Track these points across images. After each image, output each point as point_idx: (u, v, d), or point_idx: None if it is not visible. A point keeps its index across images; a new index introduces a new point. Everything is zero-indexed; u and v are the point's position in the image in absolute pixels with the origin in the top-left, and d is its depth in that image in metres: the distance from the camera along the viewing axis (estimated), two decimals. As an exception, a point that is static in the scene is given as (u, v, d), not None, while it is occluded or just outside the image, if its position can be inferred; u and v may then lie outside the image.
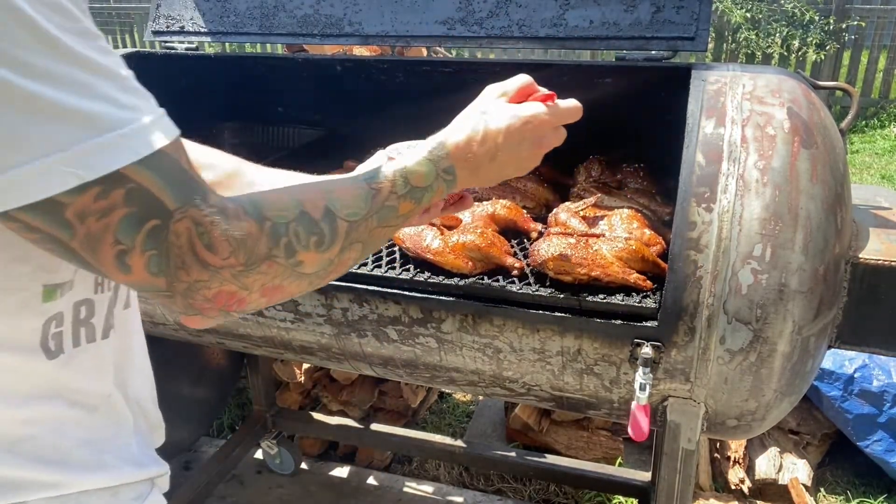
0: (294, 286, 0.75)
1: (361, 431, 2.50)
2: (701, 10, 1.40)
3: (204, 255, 0.64)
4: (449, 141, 0.90)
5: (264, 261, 0.69)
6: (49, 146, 0.56)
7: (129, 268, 0.62)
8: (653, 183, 1.61)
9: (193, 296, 0.66)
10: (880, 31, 7.57)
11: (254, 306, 0.73)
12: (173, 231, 0.62)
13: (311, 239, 0.73)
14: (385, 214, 0.82)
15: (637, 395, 1.18)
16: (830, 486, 2.60)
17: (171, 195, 0.62)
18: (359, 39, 1.67)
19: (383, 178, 0.83)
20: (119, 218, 0.60)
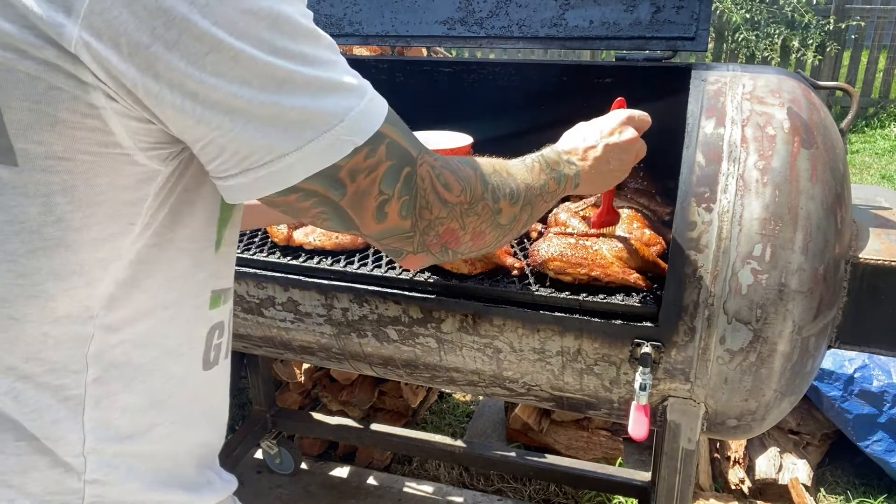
0: (491, 235, 0.84)
1: (361, 431, 2.50)
2: (701, 10, 1.40)
3: (444, 193, 0.74)
4: (558, 146, 1.04)
5: (480, 201, 0.79)
6: (331, 119, 0.63)
7: (385, 215, 0.71)
8: (653, 183, 1.61)
9: (429, 233, 0.76)
10: (880, 31, 7.57)
11: (464, 247, 0.82)
12: (419, 175, 0.71)
13: (506, 190, 0.84)
14: (542, 186, 0.93)
15: (637, 395, 1.18)
16: (830, 486, 2.60)
17: (411, 144, 0.71)
18: (359, 39, 1.67)
19: (531, 160, 0.95)
20: (384, 170, 0.68)
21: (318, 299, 1.40)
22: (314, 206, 0.67)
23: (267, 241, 1.50)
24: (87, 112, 0.59)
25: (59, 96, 0.58)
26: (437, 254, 0.80)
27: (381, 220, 0.71)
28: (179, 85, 0.58)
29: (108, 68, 0.57)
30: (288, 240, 1.45)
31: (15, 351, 0.65)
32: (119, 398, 0.70)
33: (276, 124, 0.61)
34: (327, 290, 1.38)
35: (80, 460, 0.68)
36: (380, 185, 0.68)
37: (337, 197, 0.67)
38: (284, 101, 0.60)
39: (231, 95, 0.59)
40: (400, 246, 0.76)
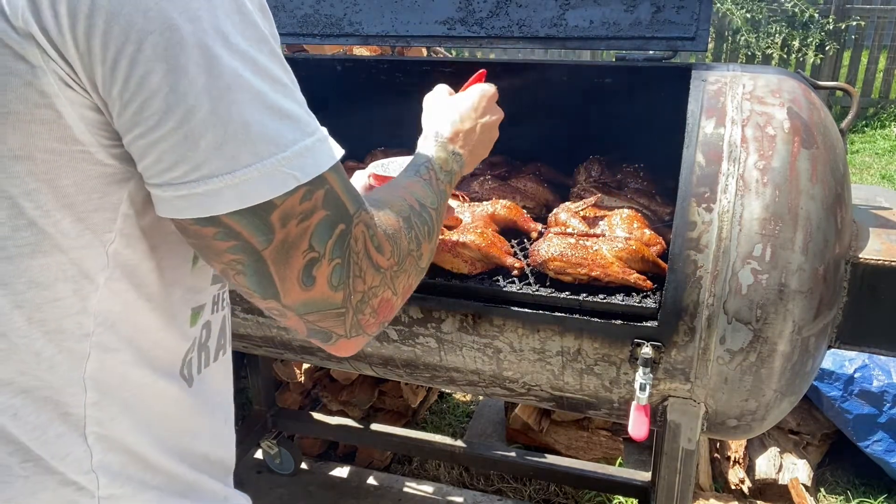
0: (415, 282, 0.77)
1: (361, 431, 2.50)
2: (701, 10, 1.40)
3: (376, 257, 0.66)
4: (441, 131, 0.98)
5: (407, 256, 0.72)
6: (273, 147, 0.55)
7: (312, 280, 0.61)
8: (653, 183, 1.61)
9: (363, 309, 0.66)
10: (880, 31, 7.56)
11: (395, 313, 0.74)
12: (353, 236, 0.63)
13: (425, 229, 0.78)
14: (442, 199, 0.88)
15: (637, 395, 1.18)
16: (830, 486, 2.60)
17: (350, 199, 0.63)
18: (359, 39, 1.67)
19: (426, 169, 0.89)
20: (318, 221, 0.60)
21: (318, 299, 1.40)
22: (231, 250, 0.58)
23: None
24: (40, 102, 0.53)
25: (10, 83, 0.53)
26: (374, 333, 0.70)
27: (307, 284, 0.61)
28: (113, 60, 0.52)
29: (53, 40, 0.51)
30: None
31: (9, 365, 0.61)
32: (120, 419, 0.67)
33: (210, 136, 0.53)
34: (327, 290, 1.38)
35: (91, 476, 0.65)
36: (310, 239, 0.59)
37: (261, 244, 0.58)
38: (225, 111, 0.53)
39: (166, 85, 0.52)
40: (329, 326, 0.66)
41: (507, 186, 1.64)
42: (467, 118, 1.02)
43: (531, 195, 1.63)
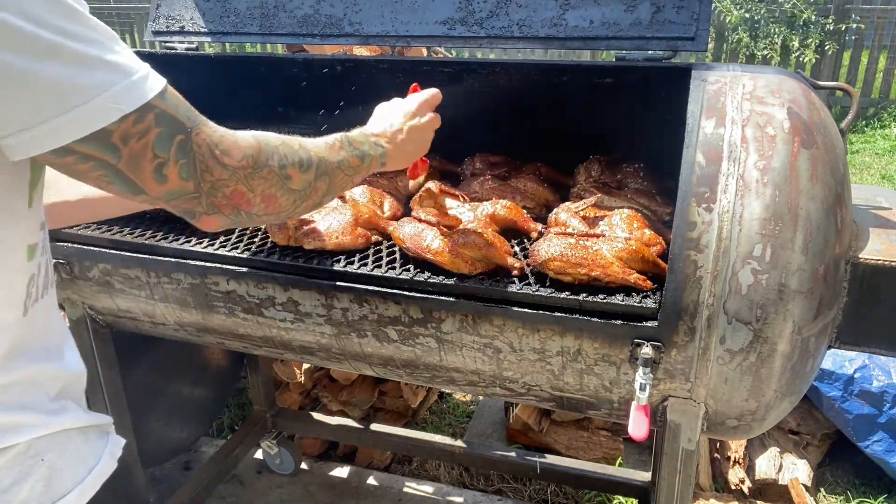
0: (284, 199, 0.94)
1: (361, 431, 2.50)
2: (701, 10, 1.40)
3: (222, 157, 0.83)
4: (368, 129, 1.19)
5: (264, 167, 0.88)
6: (97, 89, 0.71)
7: (165, 177, 0.79)
8: (653, 183, 1.61)
9: (215, 194, 0.84)
10: (880, 31, 7.57)
11: (256, 210, 0.91)
12: (195, 142, 0.80)
13: (295, 159, 0.94)
14: (341, 161, 1.05)
15: (637, 395, 1.18)
16: (830, 486, 2.60)
17: (184, 117, 0.80)
18: (359, 39, 1.67)
19: (333, 139, 1.06)
20: (154, 136, 0.77)
21: (318, 299, 1.40)
22: (94, 168, 0.76)
23: (267, 241, 1.50)
24: None
25: None
26: (229, 215, 0.88)
27: (161, 181, 0.79)
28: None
29: None
30: (288, 240, 1.45)
31: None
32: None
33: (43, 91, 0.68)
34: (327, 290, 1.38)
35: None
36: (153, 149, 0.77)
37: (113, 160, 0.75)
38: (50, 70, 0.68)
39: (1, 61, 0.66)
40: (189, 207, 0.85)
41: (507, 186, 1.64)
42: (396, 120, 1.22)
43: (531, 195, 1.63)
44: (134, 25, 10.38)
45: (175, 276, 1.52)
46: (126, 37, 10.42)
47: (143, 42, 7.36)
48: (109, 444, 0.97)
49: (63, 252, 1.57)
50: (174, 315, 1.61)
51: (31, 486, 0.84)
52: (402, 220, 1.46)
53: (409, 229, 1.38)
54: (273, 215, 0.95)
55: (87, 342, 1.76)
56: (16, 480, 0.82)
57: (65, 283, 1.66)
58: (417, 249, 1.34)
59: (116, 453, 0.97)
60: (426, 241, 1.34)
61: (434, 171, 1.85)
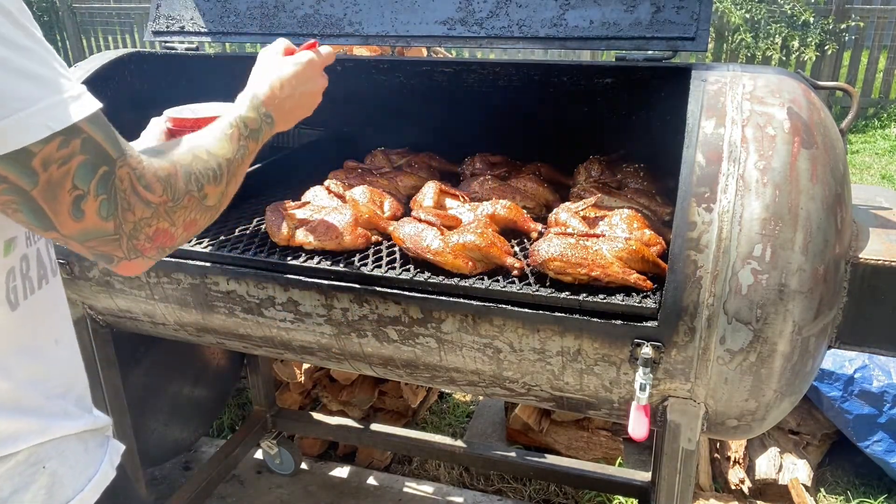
0: (203, 219, 0.90)
1: (361, 431, 2.50)
2: (701, 11, 1.40)
3: (145, 194, 0.77)
4: (259, 92, 1.10)
5: (184, 195, 0.84)
6: (23, 103, 0.65)
7: (82, 213, 0.72)
8: (653, 183, 1.61)
9: (138, 235, 0.78)
10: (880, 31, 7.57)
11: (179, 242, 0.86)
12: (118, 176, 0.73)
13: (209, 175, 0.90)
14: (242, 153, 1.00)
15: (637, 395, 1.18)
16: (830, 486, 2.60)
17: (111, 146, 0.73)
18: (359, 39, 1.67)
19: (231, 125, 1.01)
20: (77, 164, 0.70)
21: (318, 299, 1.40)
22: (4, 192, 0.68)
23: (267, 241, 1.50)
24: None
25: None
26: (153, 257, 0.82)
27: (78, 217, 0.71)
28: None
29: None
30: (288, 240, 1.45)
31: None
32: None
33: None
34: (327, 290, 1.38)
35: None
36: (73, 179, 0.69)
37: (28, 185, 0.67)
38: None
39: None
40: (108, 251, 0.77)
41: (507, 186, 1.64)
42: (287, 84, 1.13)
43: (531, 195, 1.63)
44: (134, 25, 10.38)
45: (175, 276, 1.52)
46: (126, 37, 10.42)
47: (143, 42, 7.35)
48: (109, 450, 0.94)
49: (63, 252, 1.57)
50: (174, 315, 1.61)
51: (32, 495, 0.81)
52: (402, 220, 1.46)
53: (409, 229, 1.38)
54: (191, 238, 0.91)
55: (87, 342, 1.76)
56: (16, 489, 0.80)
57: (65, 283, 1.65)
58: (417, 249, 1.34)
59: (115, 461, 0.95)
60: (426, 241, 1.34)
61: (434, 171, 1.85)
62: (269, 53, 1.19)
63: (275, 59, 1.17)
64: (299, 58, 1.17)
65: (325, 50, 1.23)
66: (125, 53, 1.82)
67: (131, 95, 1.83)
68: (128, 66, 1.82)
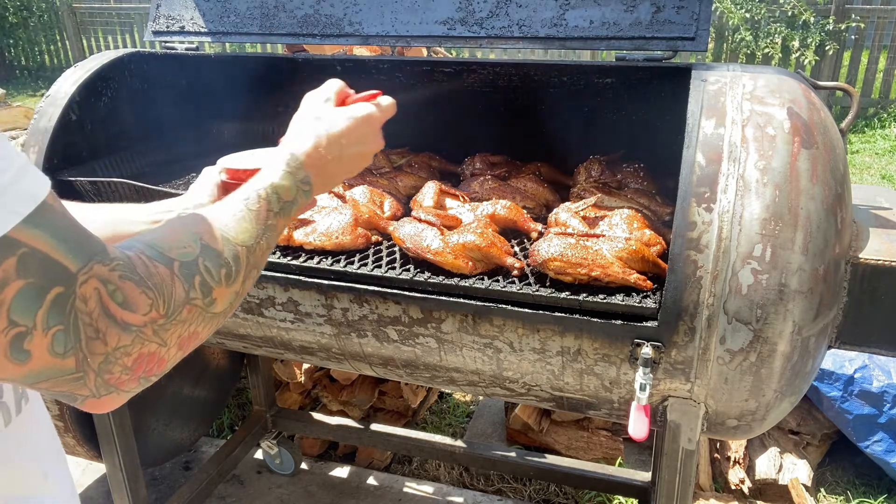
0: (206, 330, 0.68)
1: (361, 431, 2.50)
2: (701, 10, 1.40)
3: (122, 315, 0.56)
4: (299, 151, 0.89)
5: (184, 306, 0.63)
6: None
7: (27, 354, 0.52)
8: (653, 183, 1.61)
9: (111, 369, 0.57)
10: (880, 31, 7.56)
11: (170, 364, 0.64)
12: (80, 296, 0.53)
13: (221, 272, 0.68)
14: (269, 235, 0.79)
15: (637, 395, 1.18)
16: (831, 486, 2.60)
17: (70, 255, 0.53)
18: (359, 39, 1.67)
19: (258, 198, 0.80)
20: (14, 294, 0.50)
21: (318, 299, 1.40)
22: None
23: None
24: None
25: None
26: (133, 389, 0.61)
27: (21, 359, 0.52)
28: None
29: None
30: (288, 240, 1.45)
31: None
32: None
33: None
34: (327, 290, 1.38)
35: None
36: (10, 314, 0.50)
37: None
38: None
39: None
40: (70, 390, 0.57)
41: (507, 186, 1.64)
42: (335, 143, 0.91)
43: (531, 195, 1.63)
44: (134, 25, 10.38)
45: (175, 276, 1.52)
46: (126, 37, 10.43)
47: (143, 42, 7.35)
48: None
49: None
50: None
51: None
52: (402, 220, 1.46)
53: (409, 229, 1.38)
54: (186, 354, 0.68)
55: (87, 342, 1.76)
56: None
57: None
58: (417, 249, 1.34)
59: None
60: (426, 241, 1.34)
61: (434, 171, 1.85)
62: (318, 99, 0.98)
63: (325, 108, 0.96)
64: (355, 112, 0.95)
65: (387, 102, 0.99)
66: (125, 53, 1.82)
67: (131, 95, 1.83)
68: (128, 66, 1.82)
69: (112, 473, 1.95)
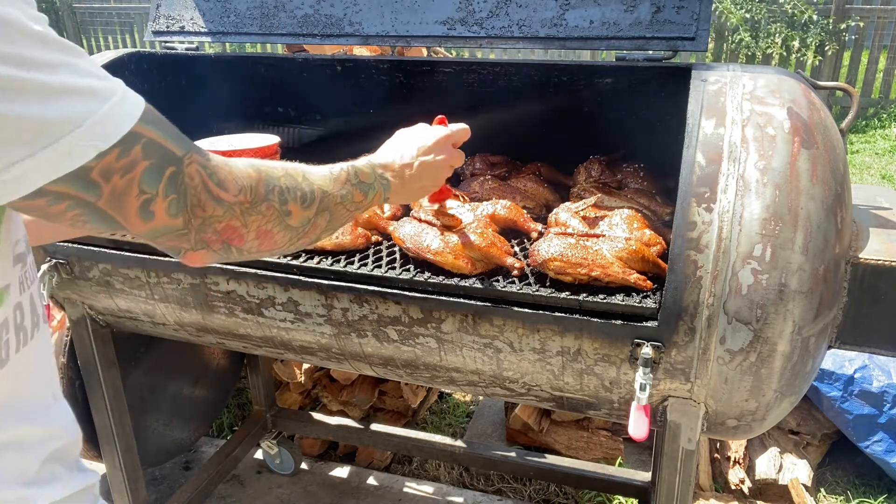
0: (280, 236, 0.85)
1: (361, 431, 2.50)
2: (701, 10, 1.40)
3: (217, 191, 0.75)
4: (376, 158, 1.10)
5: (263, 201, 0.80)
6: (65, 125, 0.60)
7: (151, 214, 0.70)
8: (653, 183, 1.61)
9: (206, 230, 0.75)
10: (880, 31, 7.57)
11: (248, 246, 0.82)
12: (187, 174, 0.71)
13: (297, 193, 0.86)
14: (345, 195, 0.96)
15: (637, 395, 1.18)
16: (831, 486, 2.60)
17: (176, 145, 0.70)
18: (359, 39, 1.67)
19: (339, 169, 0.98)
20: (143, 170, 0.67)
21: (318, 299, 1.40)
22: (69, 208, 0.65)
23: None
24: None
25: None
26: (219, 251, 0.79)
27: (147, 218, 0.70)
28: None
29: None
30: (288, 240, 1.45)
31: None
32: None
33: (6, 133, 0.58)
34: (327, 290, 1.38)
35: None
36: (140, 185, 0.67)
37: (92, 198, 0.65)
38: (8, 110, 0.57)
39: None
40: (176, 244, 0.75)
41: (507, 186, 1.64)
42: (408, 153, 1.12)
43: (531, 195, 1.63)
44: (134, 25, 10.38)
45: (175, 276, 1.52)
46: (126, 37, 10.43)
47: (143, 42, 7.35)
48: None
49: (63, 252, 1.58)
50: (174, 315, 1.61)
51: None
52: (402, 220, 1.46)
53: (409, 229, 1.38)
54: (266, 251, 0.86)
55: (87, 342, 1.76)
56: None
57: (65, 282, 1.66)
58: (417, 249, 1.34)
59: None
60: (426, 241, 1.34)
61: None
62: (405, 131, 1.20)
63: (406, 132, 1.18)
64: (429, 130, 1.18)
65: (458, 127, 1.21)
66: (125, 53, 1.82)
67: (131, 95, 1.83)
68: (128, 66, 1.82)
69: (112, 473, 1.95)
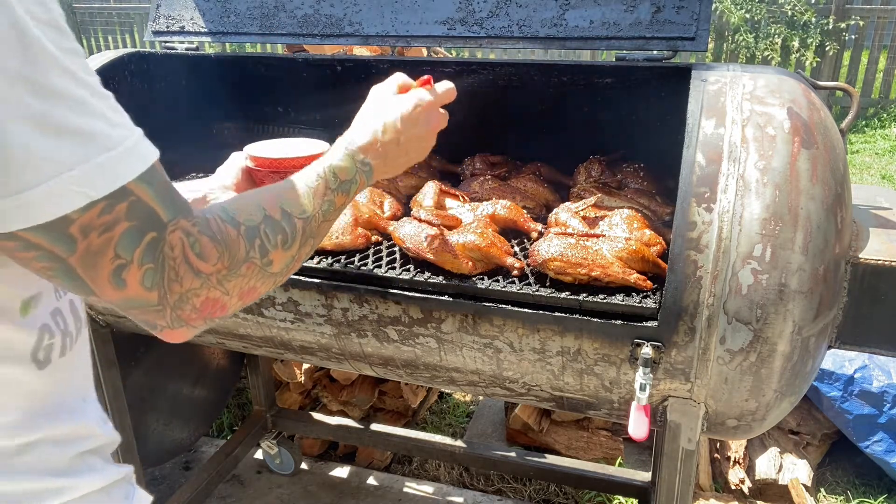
0: (263, 286, 0.80)
1: (361, 431, 2.50)
2: (701, 10, 1.40)
3: (196, 263, 0.68)
4: (357, 138, 0.99)
5: (244, 263, 0.74)
6: (58, 167, 0.56)
7: (123, 283, 0.64)
8: (653, 183, 1.61)
9: (183, 307, 0.69)
10: (880, 31, 7.57)
11: (232, 311, 0.76)
12: (168, 243, 0.65)
13: (278, 238, 0.80)
14: (326, 209, 0.90)
15: (637, 395, 1.18)
16: (831, 486, 2.60)
17: (164, 208, 0.65)
18: (359, 39, 1.67)
19: (317, 177, 0.91)
20: (122, 231, 0.62)
21: (318, 299, 1.40)
22: (38, 259, 0.60)
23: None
24: None
25: None
26: (200, 326, 0.73)
27: (119, 286, 0.64)
28: None
29: None
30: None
31: None
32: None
33: None
34: (327, 290, 1.38)
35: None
36: (116, 248, 0.62)
37: (65, 253, 0.60)
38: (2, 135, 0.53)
39: None
40: (150, 319, 0.70)
41: (507, 186, 1.64)
42: (390, 128, 1.01)
43: (531, 195, 1.63)
44: (134, 25, 10.38)
45: (175, 276, 1.52)
46: (126, 37, 10.43)
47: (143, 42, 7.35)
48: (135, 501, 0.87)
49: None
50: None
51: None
52: (402, 220, 1.46)
53: (409, 229, 1.38)
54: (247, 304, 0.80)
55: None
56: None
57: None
58: (417, 249, 1.34)
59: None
60: (426, 241, 1.34)
61: (434, 171, 1.85)
62: (380, 91, 1.08)
63: (383, 98, 1.06)
64: (408, 97, 1.05)
65: (443, 87, 1.09)
66: (125, 53, 1.82)
67: (131, 95, 1.83)
68: (128, 66, 1.82)
69: (112, 473, 1.94)
